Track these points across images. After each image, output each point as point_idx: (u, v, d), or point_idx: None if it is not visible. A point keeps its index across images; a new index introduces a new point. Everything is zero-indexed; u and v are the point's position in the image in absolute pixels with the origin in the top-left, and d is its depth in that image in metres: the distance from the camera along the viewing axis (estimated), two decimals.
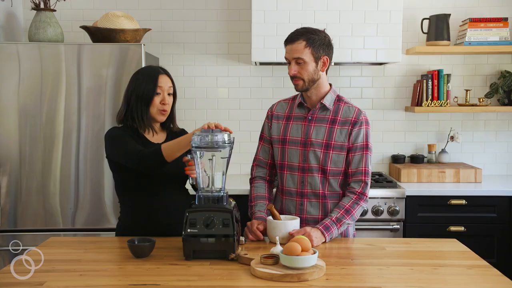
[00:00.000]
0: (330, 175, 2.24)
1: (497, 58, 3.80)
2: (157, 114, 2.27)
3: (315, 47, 2.17)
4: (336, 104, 2.28)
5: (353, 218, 2.21)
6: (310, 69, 2.19)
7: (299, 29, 2.22)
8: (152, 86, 2.23)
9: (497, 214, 3.26)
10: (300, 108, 2.31)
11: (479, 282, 1.73)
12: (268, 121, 2.38)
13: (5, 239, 3.14)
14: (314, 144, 2.23)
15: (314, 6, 3.39)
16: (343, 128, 2.23)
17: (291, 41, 2.19)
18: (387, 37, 3.42)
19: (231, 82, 3.83)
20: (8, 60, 3.09)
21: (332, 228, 2.14)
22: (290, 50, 2.19)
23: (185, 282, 1.71)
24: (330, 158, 2.23)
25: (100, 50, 3.13)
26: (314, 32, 2.20)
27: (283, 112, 2.35)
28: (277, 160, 2.33)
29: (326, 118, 2.25)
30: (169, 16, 3.79)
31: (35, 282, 1.71)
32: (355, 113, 2.24)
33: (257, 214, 2.25)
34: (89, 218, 3.16)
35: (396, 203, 3.24)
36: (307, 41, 2.16)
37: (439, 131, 3.85)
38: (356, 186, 2.23)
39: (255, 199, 2.32)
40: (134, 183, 2.25)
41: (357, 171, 2.23)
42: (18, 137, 3.12)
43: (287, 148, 2.28)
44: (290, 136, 2.28)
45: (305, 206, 2.27)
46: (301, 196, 2.27)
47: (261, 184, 2.36)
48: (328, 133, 2.23)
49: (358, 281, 1.73)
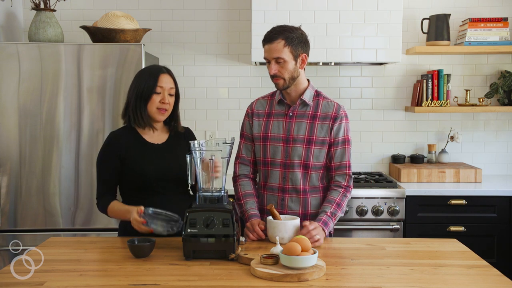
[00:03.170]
0: (312, 170, 2.30)
1: (497, 58, 3.80)
2: (155, 112, 2.26)
3: (294, 45, 2.19)
4: (316, 99, 2.32)
5: (343, 210, 2.29)
6: (290, 67, 2.21)
7: (276, 27, 2.23)
8: (152, 84, 2.23)
9: (497, 214, 3.26)
10: (280, 105, 2.34)
11: (479, 282, 1.73)
12: (249, 119, 2.40)
13: (5, 239, 3.14)
14: (296, 140, 2.28)
15: (314, 6, 3.40)
16: (324, 123, 2.28)
17: (270, 40, 2.20)
18: (387, 37, 3.43)
19: (231, 82, 3.83)
20: (8, 60, 3.09)
21: (329, 223, 2.21)
22: (270, 50, 2.21)
23: (185, 282, 1.71)
24: (312, 153, 2.28)
25: (100, 50, 3.13)
26: (291, 30, 2.21)
27: (263, 109, 2.38)
28: (259, 157, 2.37)
29: (307, 114, 2.30)
30: (169, 16, 3.79)
31: (35, 282, 1.71)
32: (335, 108, 2.30)
33: (250, 212, 2.28)
34: (89, 218, 3.16)
35: (396, 203, 3.24)
36: (285, 40, 2.18)
37: (439, 131, 3.85)
38: (341, 180, 2.30)
39: (244, 197, 2.35)
40: (135, 184, 2.26)
41: (340, 165, 2.30)
42: (18, 137, 3.12)
43: (269, 145, 2.32)
44: (271, 133, 2.32)
45: (286, 202, 2.32)
46: (282, 191, 2.32)
47: (246, 182, 2.39)
48: (309, 128, 2.28)
49: (358, 281, 1.73)
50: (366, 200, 3.25)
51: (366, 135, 3.85)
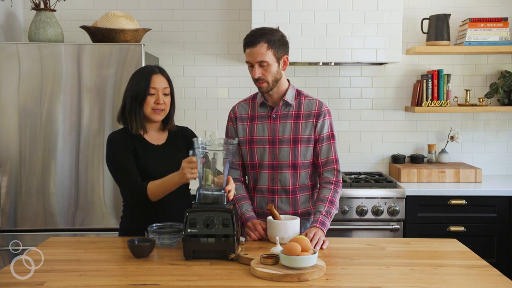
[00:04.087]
0: (300, 169, 2.31)
1: (497, 58, 3.80)
2: (151, 113, 2.25)
3: (276, 47, 2.20)
4: (297, 99, 2.33)
5: (337, 207, 2.29)
6: (273, 70, 2.22)
7: (255, 30, 2.22)
8: (145, 86, 2.22)
9: (497, 214, 3.26)
10: (263, 107, 2.35)
11: (479, 282, 1.73)
12: (233, 123, 2.41)
13: (5, 239, 3.14)
14: (282, 141, 2.29)
15: (314, 6, 3.40)
16: (307, 121, 2.29)
17: (252, 44, 2.19)
18: (387, 37, 3.43)
19: (231, 82, 3.83)
20: (8, 60, 3.09)
21: (326, 222, 2.21)
22: (252, 54, 2.19)
23: (185, 282, 1.71)
24: (300, 152, 2.29)
25: (100, 50, 3.13)
26: (272, 32, 2.21)
27: (246, 113, 2.39)
28: (246, 160, 2.38)
29: (290, 114, 2.31)
30: (169, 16, 3.79)
31: (35, 282, 1.71)
32: (317, 106, 2.31)
33: (248, 214, 2.30)
34: (89, 218, 3.16)
35: (396, 203, 3.24)
36: (268, 43, 2.18)
37: (439, 131, 3.85)
38: (330, 176, 2.31)
39: (238, 201, 2.36)
40: None
41: (327, 160, 2.31)
42: (18, 137, 3.12)
43: (255, 148, 2.33)
44: (257, 135, 2.33)
45: (276, 203, 2.34)
46: (272, 193, 2.34)
47: (238, 186, 2.39)
48: (294, 128, 2.29)
49: (358, 281, 1.73)
50: (366, 200, 3.25)
51: (366, 135, 3.85)
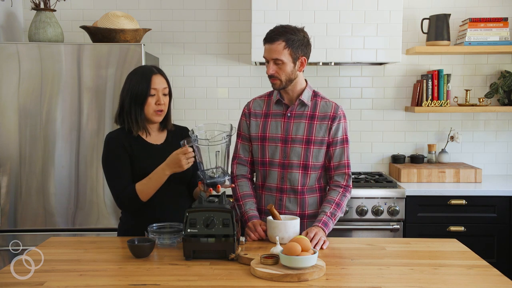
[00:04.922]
0: (311, 170, 2.30)
1: (497, 58, 3.80)
2: (152, 115, 2.25)
3: (294, 48, 2.18)
4: (313, 100, 2.32)
5: (343, 210, 2.28)
6: (288, 69, 2.20)
7: (279, 27, 2.21)
8: (146, 87, 2.21)
9: (497, 214, 3.26)
10: (278, 105, 2.34)
11: (479, 282, 1.73)
12: (246, 119, 2.40)
13: (5, 239, 3.14)
14: (295, 141, 2.28)
15: (314, 6, 3.40)
16: (322, 123, 2.28)
17: (271, 40, 2.19)
18: (387, 37, 3.43)
19: (231, 82, 3.83)
20: (8, 60, 3.09)
21: (329, 223, 2.20)
22: (269, 50, 2.20)
23: (185, 282, 1.71)
24: (312, 153, 2.28)
25: (100, 50, 3.13)
26: (294, 32, 2.19)
27: (260, 109, 2.37)
28: (257, 157, 2.36)
29: (305, 114, 2.29)
30: (169, 16, 3.79)
31: (35, 282, 1.71)
32: (333, 108, 2.29)
33: (250, 213, 2.29)
34: (89, 218, 3.16)
35: (396, 203, 3.24)
36: (286, 42, 2.17)
37: (439, 131, 3.85)
38: (340, 179, 2.30)
39: (242, 198, 2.34)
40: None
41: (339, 164, 2.30)
42: (18, 137, 3.12)
43: (267, 145, 2.32)
44: (269, 133, 2.32)
45: (284, 202, 2.32)
46: (280, 192, 2.32)
47: (245, 182, 2.38)
48: (308, 128, 2.28)
49: (358, 281, 1.73)
50: (366, 200, 3.25)
51: (366, 135, 3.85)
